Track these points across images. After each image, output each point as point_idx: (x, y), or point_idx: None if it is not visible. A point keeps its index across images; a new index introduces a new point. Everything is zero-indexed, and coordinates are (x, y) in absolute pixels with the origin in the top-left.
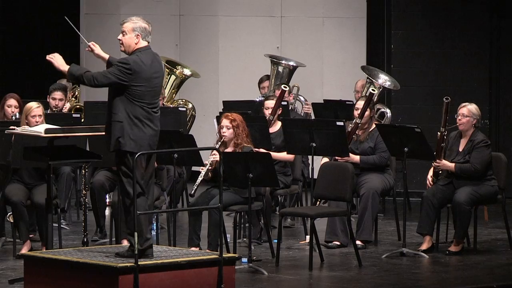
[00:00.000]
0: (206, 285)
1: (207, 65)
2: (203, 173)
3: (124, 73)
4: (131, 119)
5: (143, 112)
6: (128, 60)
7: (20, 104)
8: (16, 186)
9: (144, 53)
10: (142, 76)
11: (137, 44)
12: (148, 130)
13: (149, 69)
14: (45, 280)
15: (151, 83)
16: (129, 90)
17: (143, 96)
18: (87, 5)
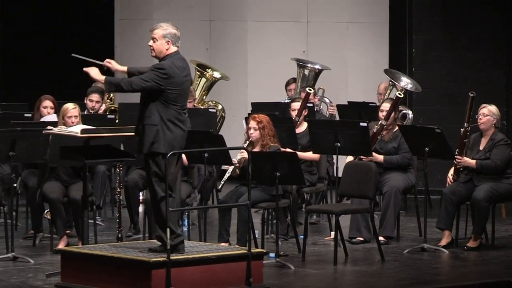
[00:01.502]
0: (235, 279)
1: (236, 68)
2: (230, 170)
3: (161, 77)
4: (165, 122)
5: (176, 114)
6: (164, 65)
7: (55, 106)
8: (53, 183)
9: (175, 58)
10: (176, 80)
11: (168, 50)
12: (179, 131)
13: (181, 72)
14: (80, 274)
15: (183, 86)
16: (164, 94)
17: (176, 99)
18: (121, 10)
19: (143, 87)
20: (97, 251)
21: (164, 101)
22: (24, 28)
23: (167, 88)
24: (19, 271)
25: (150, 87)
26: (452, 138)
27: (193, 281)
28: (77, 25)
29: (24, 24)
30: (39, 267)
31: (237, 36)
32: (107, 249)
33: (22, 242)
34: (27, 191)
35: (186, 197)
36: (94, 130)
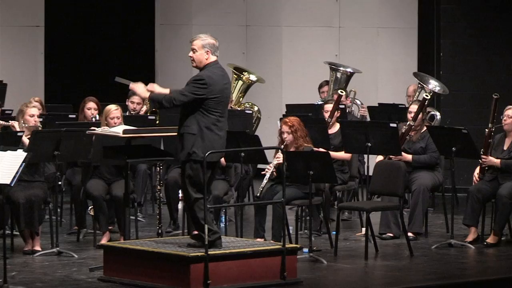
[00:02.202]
0: (270, 273)
1: (271, 71)
2: (268, 176)
3: (200, 88)
4: (203, 130)
5: (215, 121)
6: (202, 76)
7: (99, 107)
8: (96, 181)
9: (214, 67)
10: (216, 88)
11: (207, 60)
12: (217, 138)
13: (221, 80)
14: (122, 268)
15: (223, 93)
16: (204, 103)
17: (216, 106)
18: (162, 16)
19: (185, 102)
20: (138, 246)
21: (204, 109)
22: (68, 32)
23: (208, 97)
24: (64, 266)
25: (191, 99)
26: (478, 139)
27: (230, 275)
28: (120, 29)
29: (68, 28)
30: (83, 262)
31: (272, 41)
32: (147, 244)
33: (66, 238)
34: (71, 188)
35: (223, 194)
36: (135, 130)
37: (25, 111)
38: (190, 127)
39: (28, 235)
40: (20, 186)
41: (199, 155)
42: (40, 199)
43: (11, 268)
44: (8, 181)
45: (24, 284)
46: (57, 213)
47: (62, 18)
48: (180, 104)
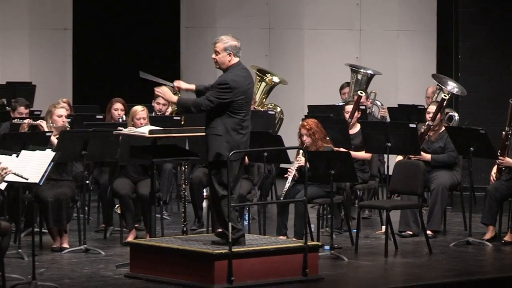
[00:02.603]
0: (292, 270)
1: (294, 73)
2: (290, 179)
3: (224, 92)
4: (228, 131)
5: (240, 122)
6: (226, 80)
7: (125, 108)
8: (123, 180)
9: (237, 68)
10: (240, 90)
11: (230, 61)
12: (242, 138)
13: (244, 81)
14: (148, 265)
15: (247, 94)
16: (230, 105)
17: (241, 107)
18: (187, 19)
19: (211, 107)
20: (163, 243)
21: (229, 111)
22: (95, 34)
23: (233, 100)
24: (91, 262)
25: (217, 105)
26: (495, 139)
27: (253, 272)
28: (146, 31)
29: (96, 31)
30: (110, 259)
31: (295, 43)
32: (173, 241)
33: (93, 235)
34: (98, 187)
35: (246, 193)
36: (161, 130)
37: (53, 112)
38: (216, 129)
39: (56, 233)
40: (48, 185)
41: (225, 155)
42: (68, 197)
43: (39, 265)
44: (37, 180)
45: (52, 281)
46: (84, 211)
47: (89, 21)
48: (207, 109)
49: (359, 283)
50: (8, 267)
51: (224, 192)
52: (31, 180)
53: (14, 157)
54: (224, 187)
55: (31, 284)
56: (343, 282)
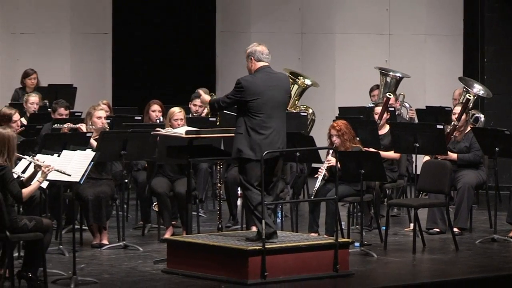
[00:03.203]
0: (323, 265)
1: (325, 76)
2: (320, 178)
3: (237, 91)
4: (248, 130)
5: (260, 123)
6: (239, 80)
7: (163, 109)
8: (160, 179)
9: (259, 71)
10: (254, 90)
11: (253, 66)
12: (261, 137)
13: (263, 83)
14: (185, 261)
15: (266, 94)
16: (248, 105)
17: (259, 108)
18: (222, 23)
19: (228, 103)
20: (199, 240)
21: (249, 112)
22: (134, 39)
23: (247, 99)
24: (130, 258)
25: (232, 101)
26: None
27: (286, 268)
28: (183, 36)
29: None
30: (148, 255)
31: (326, 47)
32: (208, 238)
33: (132, 232)
34: (137, 186)
35: (280, 192)
36: (197, 131)
37: (93, 114)
38: (239, 128)
39: (96, 230)
40: (88, 183)
41: (245, 153)
42: (108, 195)
43: (80, 261)
44: (77, 179)
45: (92, 276)
46: (123, 209)
47: (128, 25)
48: (224, 105)
49: (388, 278)
50: (50, 263)
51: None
52: (72, 179)
53: (55, 157)
54: (250, 185)
55: (72, 279)
56: (372, 278)
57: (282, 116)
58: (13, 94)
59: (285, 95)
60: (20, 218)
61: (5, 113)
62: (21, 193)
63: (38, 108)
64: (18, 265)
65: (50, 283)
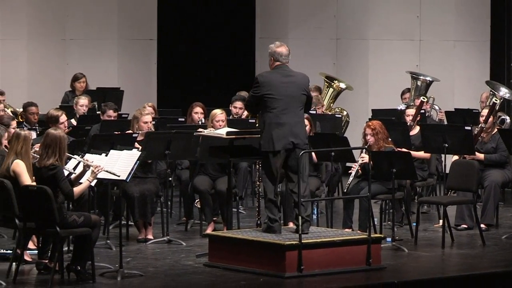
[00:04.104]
0: (357, 259)
1: (359, 79)
2: (354, 173)
3: (255, 86)
4: (265, 126)
5: (274, 117)
6: (256, 76)
7: (205, 111)
8: (202, 177)
9: (276, 68)
10: (268, 85)
11: (273, 65)
12: (279, 132)
13: (278, 79)
14: (225, 255)
15: (280, 90)
16: (263, 99)
17: (274, 103)
18: (261, 30)
19: (251, 100)
20: (239, 235)
21: (265, 107)
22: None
23: (263, 94)
24: (173, 252)
25: (253, 97)
26: None
27: (321, 261)
28: (224, 41)
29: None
30: (190, 249)
31: (360, 52)
32: (248, 233)
33: (176, 227)
34: (180, 184)
35: (315, 189)
36: (237, 132)
37: (140, 118)
38: (261, 123)
39: (142, 225)
40: (135, 181)
41: (262, 146)
42: (153, 193)
43: (126, 255)
44: (124, 177)
45: (137, 269)
46: (167, 205)
47: (172, 32)
48: (249, 103)
49: (418, 272)
50: (98, 257)
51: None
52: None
53: (103, 156)
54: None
55: (118, 272)
56: (403, 271)
57: (297, 113)
58: (63, 97)
59: (300, 92)
60: (70, 214)
61: (53, 115)
62: (73, 191)
63: (87, 110)
64: (68, 258)
65: (98, 276)
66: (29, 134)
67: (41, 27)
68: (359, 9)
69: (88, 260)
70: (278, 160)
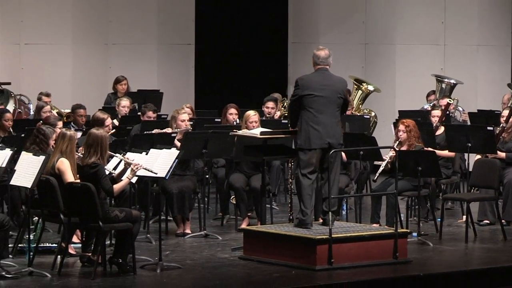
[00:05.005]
0: (384, 253)
1: (386, 82)
2: (384, 164)
3: (295, 88)
4: (302, 124)
5: (311, 116)
6: (296, 79)
7: (239, 112)
8: (237, 175)
9: (316, 71)
10: (307, 86)
11: (315, 68)
12: (312, 130)
13: (316, 81)
14: (259, 249)
15: (318, 92)
16: (302, 100)
17: (311, 103)
18: (294, 35)
19: (291, 101)
20: (272, 229)
21: (303, 107)
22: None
23: (302, 94)
24: (210, 246)
25: (293, 98)
26: None
27: (350, 255)
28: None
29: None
30: (226, 243)
31: (387, 56)
32: (280, 228)
33: (212, 222)
34: (216, 181)
35: (345, 186)
36: (271, 132)
37: (177, 117)
38: (299, 123)
39: (180, 220)
40: (173, 179)
41: (299, 143)
42: (190, 190)
43: (165, 248)
44: (163, 174)
45: (176, 262)
46: (204, 201)
47: (209, 37)
48: (290, 105)
49: (443, 265)
50: (138, 250)
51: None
52: (158, 175)
53: (144, 155)
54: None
55: (158, 264)
56: (428, 264)
57: (334, 114)
58: (106, 99)
59: (336, 96)
60: (112, 210)
61: (99, 117)
62: (113, 188)
63: (128, 111)
64: (110, 252)
65: (139, 268)
66: (74, 134)
67: (85, 33)
68: (386, 16)
69: (129, 253)
70: (313, 157)
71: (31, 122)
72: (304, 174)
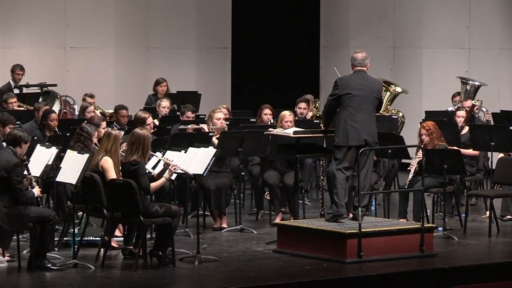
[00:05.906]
0: (411, 247)
1: (413, 84)
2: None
3: (334, 88)
4: (340, 122)
5: (348, 114)
6: (336, 79)
7: (273, 112)
8: (271, 172)
9: (354, 73)
10: (346, 85)
11: (353, 70)
12: (350, 127)
13: (354, 82)
14: (292, 242)
15: (356, 91)
16: (341, 99)
17: (349, 102)
18: (325, 39)
19: (329, 100)
20: (305, 224)
21: (341, 105)
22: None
23: (341, 94)
24: (245, 240)
25: (331, 97)
26: None
27: (378, 248)
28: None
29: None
30: (261, 237)
31: (415, 60)
32: (312, 223)
33: (247, 217)
34: (252, 178)
35: (374, 183)
36: (303, 131)
37: (213, 116)
38: (336, 120)
39: (217, 215)
40: (211, 175)
41: (336, 140)
42: (227, 186)
43: (203, 241)
44: (201, 171)
45: (213, 255)
46: (240, 197)
47: (245, 41)
48: (328, 104)
49: (467, 258)
50: (177, 243)
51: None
52: (196, 172)
53: (182, 153)
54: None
55: (196, 257)
56: (453, 258)
57: (370, 113)
58: (146, 100)
59: (373, 95)
60: (152, 205)
61: (141, 117)
62: (149, 186)
63: (168, 111)
64: (150, 245)
65: (178, 261)
66: (119, 134)
67: (127, 37)
68: (414, 21)
69: (169, 247)
70: (350, 154)
71: (76, 122)
72: (339, 169)
